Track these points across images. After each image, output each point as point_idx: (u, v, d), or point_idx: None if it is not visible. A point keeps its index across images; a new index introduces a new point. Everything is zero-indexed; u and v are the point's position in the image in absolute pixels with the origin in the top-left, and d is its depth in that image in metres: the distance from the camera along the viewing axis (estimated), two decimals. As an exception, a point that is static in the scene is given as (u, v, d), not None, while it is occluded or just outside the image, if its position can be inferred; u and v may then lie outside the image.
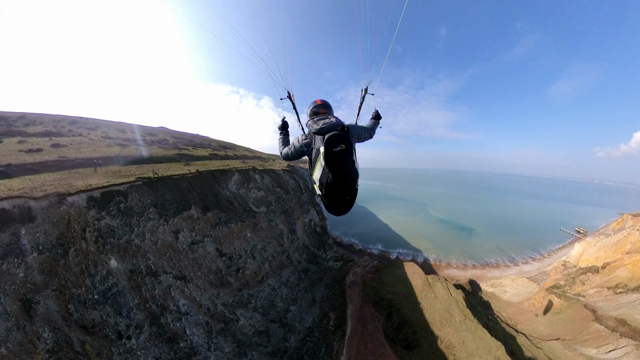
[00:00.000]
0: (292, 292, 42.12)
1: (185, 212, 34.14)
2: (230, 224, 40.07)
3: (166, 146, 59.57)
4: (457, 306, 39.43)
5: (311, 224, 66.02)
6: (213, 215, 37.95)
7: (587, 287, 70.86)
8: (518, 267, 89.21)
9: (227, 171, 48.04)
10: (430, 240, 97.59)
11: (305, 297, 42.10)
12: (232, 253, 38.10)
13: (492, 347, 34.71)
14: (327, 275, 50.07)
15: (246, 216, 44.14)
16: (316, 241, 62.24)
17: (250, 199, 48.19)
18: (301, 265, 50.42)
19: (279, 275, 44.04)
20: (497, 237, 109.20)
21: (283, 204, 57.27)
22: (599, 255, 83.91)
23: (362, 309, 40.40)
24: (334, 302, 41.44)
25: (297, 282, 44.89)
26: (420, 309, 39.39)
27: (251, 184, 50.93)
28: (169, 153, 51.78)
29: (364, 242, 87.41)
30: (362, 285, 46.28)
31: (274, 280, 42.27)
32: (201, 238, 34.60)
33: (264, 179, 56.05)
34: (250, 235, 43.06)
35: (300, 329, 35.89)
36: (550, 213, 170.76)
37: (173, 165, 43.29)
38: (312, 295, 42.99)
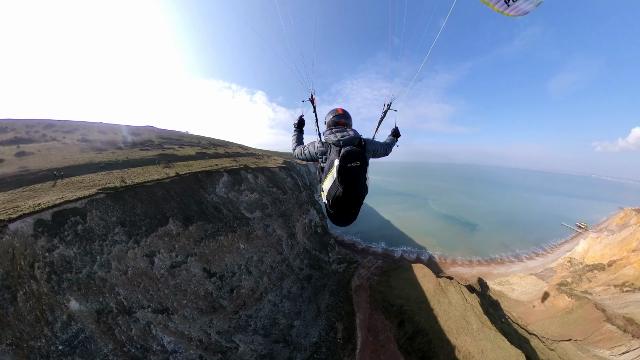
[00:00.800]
0: (295, 304, 39.07)
1: (161, 228, 29.29)
2: (219, 237, 35.37)
3: (149, 147, 55.87)
4: (474, 312, 37.35)
5: (311, 224, 62.24)
6: (197, 228, 33.11)
7: (593, 285, 70.83)
8: (523, 263, 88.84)
9: (215, 172, 43.03)
10: (434, 236, 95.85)
11: (309, 309, 39.13)
12: (223, 271, 33.87)
13: (512, 357, 32.70)
14: (331, 280, 47.17)
15: (238, 225, 39.57)
16: (318, 243, 58.81)
17: (243, 204, 43.64)
18: (303, 272, 47.07)
19: (280, 287, 40.72)
20: (500, 232, 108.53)
21: (280, 205, 53.02)
22: (605, 253, 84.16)
23: (372, 317, 38.13)
24: (341, 310, 38.90)
25: (300, 292, 41.82)
26: (434, 315, 37.24)
27: (243, 186, 46.26)
28: (150, 154, 47.80)
29: (367, 240, 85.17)
30: (369, 289, 43.98)
31: (275, 295, 38.87)
32: (183, 258, 30.12)
33: (257, 179, 51.59)
34: (244, 247, 38.70)
35: (306, 345, 32.95)
36: (550, 207, 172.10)
37: (150, 169, 38.60)
38: (316, 305, 40.03)
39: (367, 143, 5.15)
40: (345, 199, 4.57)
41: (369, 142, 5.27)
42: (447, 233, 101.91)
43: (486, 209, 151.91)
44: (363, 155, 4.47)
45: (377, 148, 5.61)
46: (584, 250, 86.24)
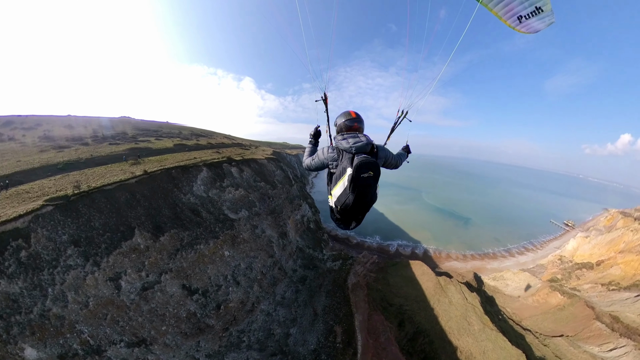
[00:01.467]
0: (290, 311, 36.69)
1: (125, 243, 24.53)
2: (199, 246, 30.60)
3: (121, 140, 50.99)
4: (475, 312, 36.75)
5: (304, 220, 58.96)
6: (170, 238, 28.14)
7: (582, 282, 73.69)
8: (514, 258, 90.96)
9: (192, 167, 37.63)
10: (428, 230, 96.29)
11: (305, 313, 36.99)
12: (206, 286, 29.85)
13: (513, 357, 32.33)
14: (327, 279, 45.03)
15: (221, 228, 34.86)
16: (311, 240, 56.14)
17: (226, 203, 38.76)
18: (297, 274, 44.47)
19: (273, 294, 37.87)
20: (493, 227, 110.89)
21: (269, 202, 48.50)
22: (593, 252, 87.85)
23: (371, 318, 37.06)
24: (339, 312, 37.36)
25: (295, 296, 39.41)
26: (435, 315, 36.46)
27: (226, 181, 41.13)
28: (119, 150, 42.54)
29: (361, 234, 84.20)
30: (366, 288, 42.87)
31: (268, 303, 36.09)
32: (156, 277, 25.88)
33: (243, 173, 46.51)
34: (230, 254, 34.41)
35: (304, 354, 31.00)
36: (540, 204, 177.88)
37: (114, 168, 33.15)
38: (312, 308, 37.92)
39: (379, 150, 5.14)
40: (355, 207, 4.45)
41: (381, 148, 5.25)
42: (441, 227, 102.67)
43: (479, 204, 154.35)
44: (377, 165, 4.37)
45: (388, 157, 5.52)
46: (574, 248, 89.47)
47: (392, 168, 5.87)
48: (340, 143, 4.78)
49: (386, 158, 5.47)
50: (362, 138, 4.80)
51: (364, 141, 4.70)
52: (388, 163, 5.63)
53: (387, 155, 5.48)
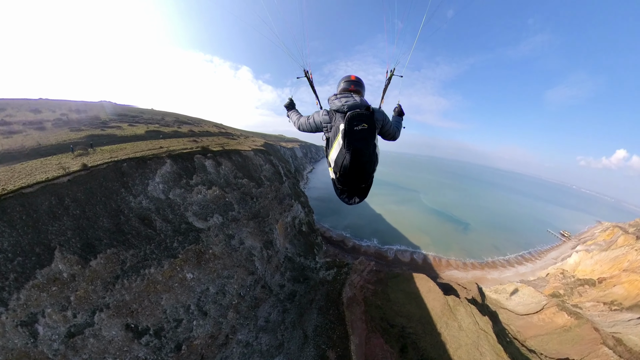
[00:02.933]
0: (275, 336, 30.77)
1: (41, 272, 17.76)
2: (147, 269, 23.03)
3: (86, 126, 43.09)
4: (487, 341, 32.23)
5: (295, 223, 51.66)
6: (106, 261, 20.81)
7: (584, 300, 70.77)
8: (514, 268, 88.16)
9: (151, 159, 29.37)
10: (427, 234, 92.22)
11: (294, 337, 31.37)
12: (160, 322, 22.77)
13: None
14: (319, 292, 39.42)
15: (181, 243, 26.88)
16: (302, 245, 49.49)
17: (192, 207, 30.66)
18: (285, 290, 38.03)
19: (254, 318, 31.31)
20: (491, 234, 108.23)
21: (252, 203, 40.16)
22: (596, 269, 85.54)
23: (369, 341, 32.24)
24: (332, 334, 32.27)
25: (282, 317, 33.31)
26: (442, 342, 31.87)
27: (195, 178, 32.92)
28: (75, 137, 34.84)
29: (357, 235, 79.72)
30: (364, 303, 37.99)
31: (247, 331, 29.49)
32: (87, 317, 19.02)
33: (220, 167, 38.03)
34: (194, 276, 26.87)
35: None
36: (536, 212, 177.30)
37: (51, 162, 25.34)
38: (302, 330, 32.35)
39: (376, 111, 4.75)
40: (354, 168, 4.10)
41: (377, 111, 4.82)
42: (440, 231, 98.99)
43: (477, 209, 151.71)
44: (371, 117, 4.07)
45: (386, 121, 4.98)
46: (576, 263, 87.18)
47: (390, 139, 5.28)
48: (333, 103, 4.63)
49: (384, 122, 4.89)
50: (356, 97, 4.58)
51: (357, 101, 4.47)
52: (386, 131, 5.03)
53: (385, 118, 4.93)
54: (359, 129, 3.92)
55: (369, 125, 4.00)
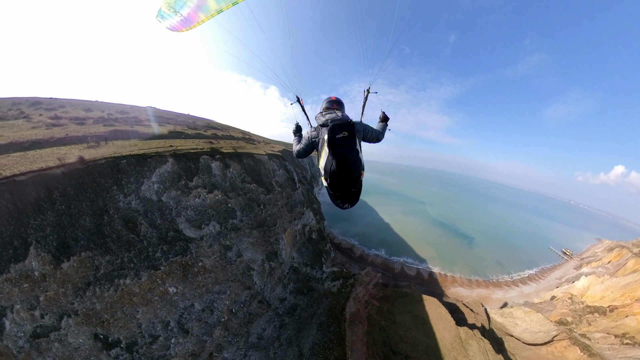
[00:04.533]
0: (266, 354, 25.61)
1: (15, 267, 15.20)
2: (122, 280, 18.96)
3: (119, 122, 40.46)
4: (503, 387, 25.67)
5: (305, 230, 45.28)
6: (78, 265, 17.27)
7: (593, 329, 60.09)
8: (518, 288, 79.16)
9: (152, 157, 25.00)
10: (433, 247, 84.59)
11: (287, 355, 26.08)
12: (133, 336, 18.97)
13: None
14: (322, 306, 33.93)
15: (165, 253, 22.34)
16: (310, 254, 43.67)
17: (186, 212, 25.66)
18: (285, 304, 32.34)
19: (245, 335, 26.16)
20: (495, 250, 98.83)
21: (259, 211, 34.36)
22: (606, 295, 73.67)
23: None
24: (330, 354, 26.81)
25: (277, 333, 27.97)
26: (451, 382, 25.67)
27: (197, 180, 28.07)
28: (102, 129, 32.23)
29: (365, 244, 73.67)
30: (367, 322, 32.16)
31: (234, 350, 24.43)
32: (54, 320, 16.07)
33: (227, 170, 32.49)
34: (178, 291, 22.08)
35: None
36: (537, 228, 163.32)
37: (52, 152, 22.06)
38: (298, 347, 26.99)
39: (356, 123, 4.90)
40: (340, 172, 4.13)
41: (357, 123, 5.01)
42: (446, 245, 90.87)
43: (481, 222, 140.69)
44: (350, 126, 4.21)
45: (367, 130, 5.19)
46: (584, 287, 76.36)
47: (374, 142, 5.41)
48: (318, 119, 4.81)
49: (365, 131, 5.11)
50: (338, 113, 4.77)
51: (339, 115, 4.67)
52: (369, 137, 5.23)
53: (365, 128, 5.14)
54: (341, 136, 4.01)
55: (349, 133, 4.09)
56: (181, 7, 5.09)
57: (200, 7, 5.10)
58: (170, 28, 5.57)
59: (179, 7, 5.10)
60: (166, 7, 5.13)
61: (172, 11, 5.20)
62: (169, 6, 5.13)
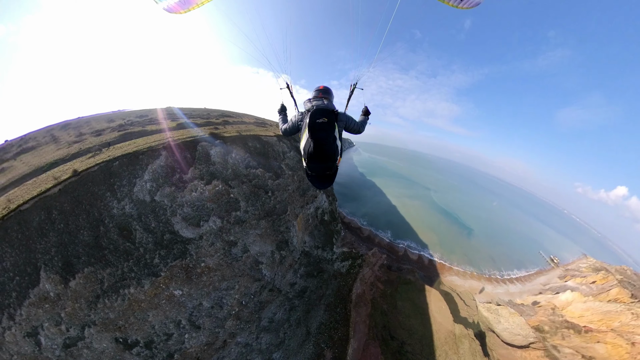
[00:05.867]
0: (277, 335, 24.62)
1: (33, 291, 14.57)
2: (127, 289, 17.41)
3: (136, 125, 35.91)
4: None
5: (318, 213, 41.25)
6: (85, 281, 16.02)
7: (565, 344, 57.58)
8: (506, 285, 77.61)
9: (143, 153, 21.37)
10: (436, 233, 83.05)
11: (296, 334, 25.15)
12: (150, 336, 18.27)
13: None
14: (331, 287, 32.52)
15: (163, 259, 19.55)
16: (322, 236, 40.35)
17: (182, 209, 21.73)
18: (296, 287, 30.24)
19: (257, 320, 24.79)
20: (490, 245, 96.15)
21: (267, 198, 29.53)
22: (585, 315, 69.32)
23: (367, 348, 25.77)
24: (334, 334, 26.06)
25: (287, 316, 26.63)
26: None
27: (192, 172, 23.62)
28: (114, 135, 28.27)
29: (373, 225, 71.58)
30: (370, 305, 31.09)
31: (246, 334, 23.43)
32: (78, 332, 15.60)
33: (229, 155, 27.30)
34: (183, 293, 20.01)
35: None
36: (531, 231, 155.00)
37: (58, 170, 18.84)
38: (306, 327, 26.06)
39: (340, 114, 4.88)
40: (317, 154, 4.08)
41: (341, 113, 5.00)
42: (447, 232, 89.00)
43: (480, 215, 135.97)
44: (330, 113, 4.21)
45: (349, 121, 5.14)
46: (567, 301, 73.37)
47: (355, 133, 5.33)
48: (305, 105, 4.82)
49: (347, 122, 5.04)
50: (325, 101, 4.73)
51: (325, 103, 4.63)
52: (350, 127, 5.16)
53: (348, 119, 5.08)
54: (320, 121, 3.96)
55: (329, 119, 4.04)
56: None
57: None
58: (167, 9, 4.83)
59: None
60: None
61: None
62: None
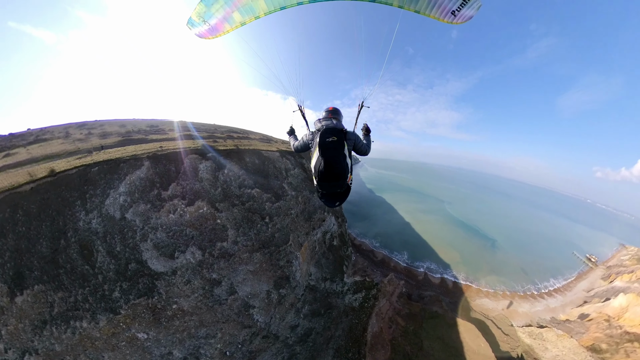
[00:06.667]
0: None
1: None
2: (79, 322, 14.07)
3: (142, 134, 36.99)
4: None
5: (325, 238, 36.33)
6: (33, 299, 13.16)
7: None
8: (544, 300, 68.21)
9: (125, 161, 18.77)
10: (457, 250, 75.41)
11: None
12: None
13: None
14: (341, 327, 27.35)
15: (124, 293, 15.93)
16: (331, 265, 35.32)
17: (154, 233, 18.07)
18: (297, 331, 24.80)
19: None
20: (518, 254, 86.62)
21: (262, 226, 24.93)
22: None
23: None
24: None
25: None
26: None
27: (173, 189, 19.92)
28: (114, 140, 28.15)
29: (387, 246, 65.70)
30: (390, 347, 26.13)
31: None
32: (18, 357, 12.61)
33: (220, 172, 23.80)
34: (148, 337, 16.24)
35: None
36: (558, 230, 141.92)
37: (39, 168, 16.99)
38: None
39: (349, 132, 5.04)
40: (327, 172, 4.17)
41: (350, 132, 5.14)
42: (469, 247, 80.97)
43: (500, 222, 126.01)
44: (340, 132, 4.32)
45: (358, 140, 5.33)
46: (621, 307, 62.26)
47: (362, 154, 5.45)
48: (315, 125, 4.95)
49: (356, 140, 5.24)
50: (333, 121, 4.86)
51: (334, 123, 4.76)
52: (358, 147, 5.33)
53: (356, 138, 5.27)
54: (330, 140, 4.10)
55: (338, 138, 4.16)
56: (210, 17, 5.31)
57: (226, 18, 5.39)
58: (199, 35, 5.66)
59: (208, 17, 5.30)
60: (196, 17, 5.28)
61: (202, 20, 5.36)
62: (199, 16, 5.29)
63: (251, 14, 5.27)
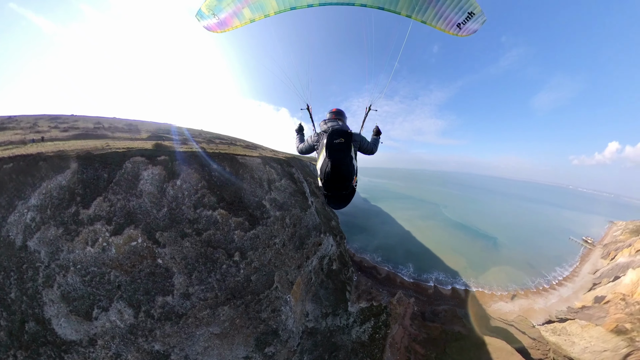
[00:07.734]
0: None
1: None
2: None
3: (102, 131, 36.32)
4: None
5: (323, 264, 30.22)
6: None
7: None
8: (556, 291, 66.13)
9: (45, 160, 12.99)
10: (461, 254, 72.27)
11: None
12: None
13: None
14: None
15: None
16: (331, 294, 28.96)
17: (63, 276, 11.49)
18: None
19: None
20: (521, 249, 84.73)
21: (229, 268, 16.57)
22: None
23: None
24: None
25: None
26: None
27: (95, 206, 13.10)
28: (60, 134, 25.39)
29: (390, 260, 61.62)
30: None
31: None
32: None
33: (169, 182, 16.09)
34: None
35: None
36: (550, 219, 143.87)
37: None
38: None
39: (354, 134, 4.88)
40: (334, 174, 4.05)
41: (356, 134, 5.03)
42: (472, 249, 78.04)
43: (497, 219, 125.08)
44: (347, 134, 4.19)
45: (363, 141, 5.20)
46: (633, 283, 60.54)
47: (368, 153, 5.33)
48: (321, 127, 4.90)
49: (361, 142, 5.10)
50: (339, 122, 4.84)
51: (340, 125, 4.73)
52: (364, 148, 5.20)
53: (362, 139, 5.14)
54: (337, 142, 3.99)
55: (345, 140, 4.06)
56: (219, 11, 5.22)
57: (236, 13, 5.28)
58: (207, 27, 5.57)
59: (218, 11, 5.21)
60: (206, 9, 5.18)
61: (211, 13, 5.26)
62: (208, 8, 5.19)
63: (261, 12, 5.20)
